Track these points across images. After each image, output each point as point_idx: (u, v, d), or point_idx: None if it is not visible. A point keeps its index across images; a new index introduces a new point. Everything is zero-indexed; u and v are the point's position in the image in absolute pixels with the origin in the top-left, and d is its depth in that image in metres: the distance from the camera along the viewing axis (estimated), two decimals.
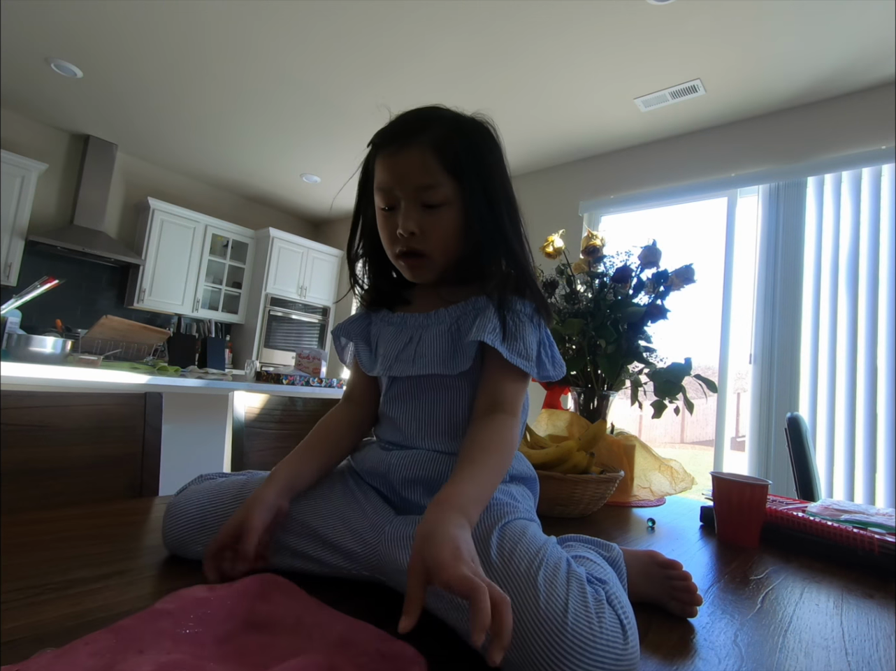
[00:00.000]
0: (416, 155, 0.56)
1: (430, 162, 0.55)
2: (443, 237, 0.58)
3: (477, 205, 0.57)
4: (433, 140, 0.56)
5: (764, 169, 2.84)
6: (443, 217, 0.57)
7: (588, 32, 2.36)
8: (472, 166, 0.57)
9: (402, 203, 0.57)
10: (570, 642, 0.34)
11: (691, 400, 1.10)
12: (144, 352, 2.63)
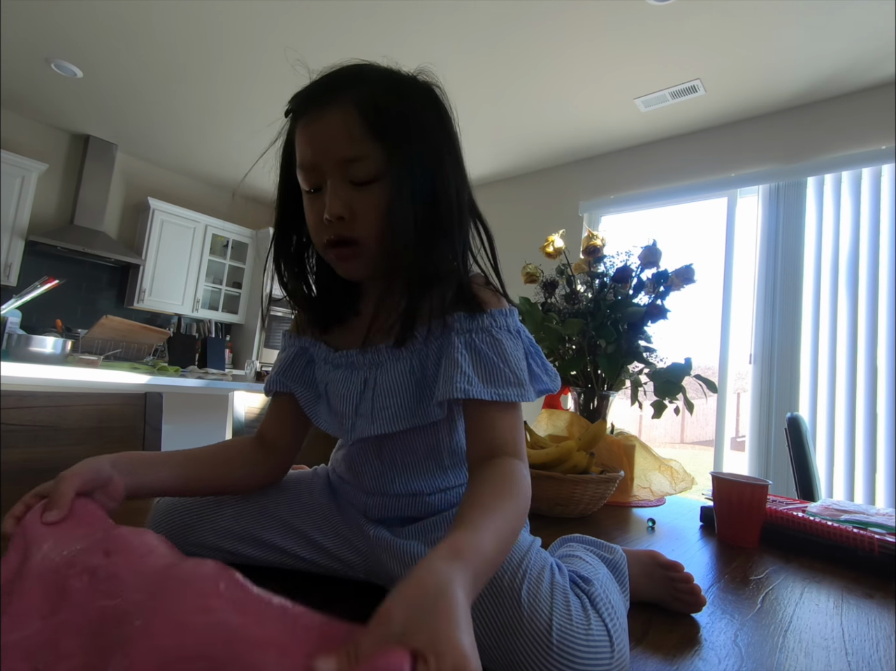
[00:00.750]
0: (337, 120, 0.45)
1: (354, 127, 0.45)
2: (376, 219, 0.46)
3: (410, 177, 0.46)
4: (358, 100, 0.45)
5: (764, 169, 2.84)
6: (374, 194, 0.46)
7: (588, 32, 2.36)
8: (405, 130, 0.46)
9: (327, 182, 0.47)
10: (556, 658, 0.34)
11: (691, 400, 1.10)
12: (144, 352, 2.63)
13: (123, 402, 0.84)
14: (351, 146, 0.45)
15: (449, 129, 0.51)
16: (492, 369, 0.46)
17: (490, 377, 0.45)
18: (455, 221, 0.49)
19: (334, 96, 0.46)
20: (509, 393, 0.45)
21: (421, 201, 0.47)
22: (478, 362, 0.46)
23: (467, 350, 0.46)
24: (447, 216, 0.48)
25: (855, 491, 2.39)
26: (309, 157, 0.47)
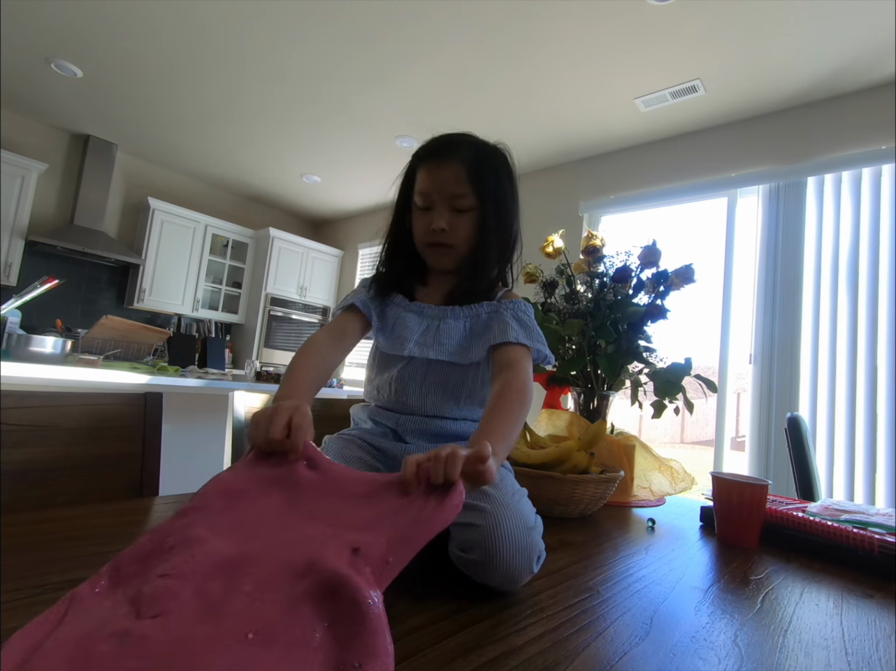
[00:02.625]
0: (452, 169, 0.72)
1: (461, 176, 0.71)
2: (465, 235, 0.74)
3: (489, 213, 0.74)
4: (465, 159, 0.72)
5: (764, 169, 2.84)
6: (466, 219, 0.73)
7: (588, 32, 2.36)
8: (491, 185, 0.74)
9: (436, 205, 0.73)
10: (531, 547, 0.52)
11: (691, 400, 1.10)
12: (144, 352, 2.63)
13: (123, 402, 0.84)
14: (457, 187, 0.72)
15: (515, 182, 0.80)
16: (529, 330, 0.73)
17: (529, 335, 0.72)
18: (511, 243, 0.79)
19: (452, 154, 0.73)
20: (539, 346, 0.73)
21: (493, 228, 0.75)
22: (520, 325, 0.73)
23: (514, 319, 0.73)
24: (508, 239, 0.78)
25: (855, 491, 2.39)
26: (428, 187, 0.73)
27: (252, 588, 0.34)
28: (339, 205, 5.18)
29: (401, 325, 0.75)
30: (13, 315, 2.08)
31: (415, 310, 0.77)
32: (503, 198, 0.76)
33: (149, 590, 0.33)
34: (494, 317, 0.74)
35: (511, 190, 0.78)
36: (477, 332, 0.73)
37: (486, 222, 0.73)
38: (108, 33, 2.71)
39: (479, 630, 0.42)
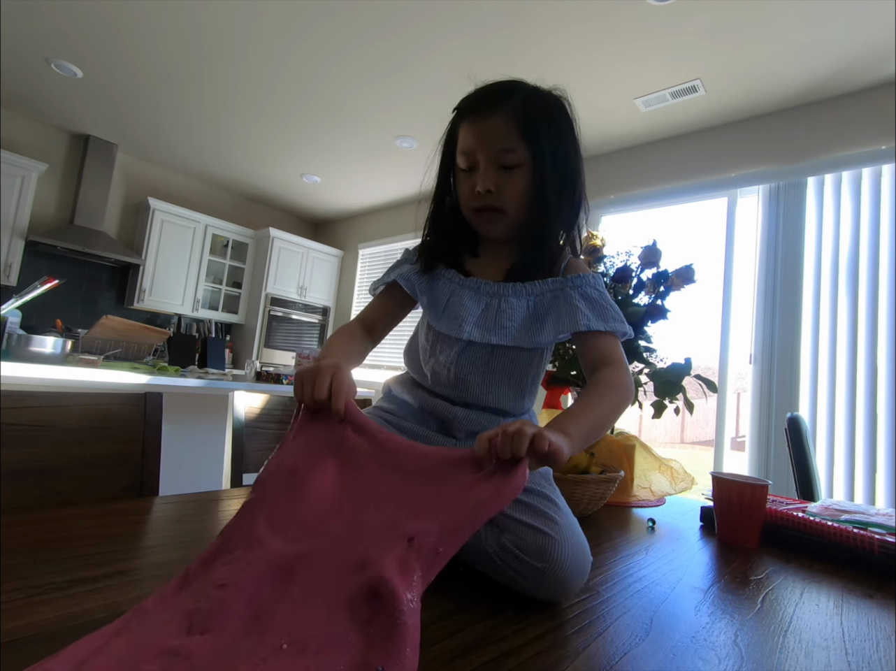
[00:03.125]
0: (499, 121, 0.62)
1: (510, 128, 0.62)
2: (516, 195, 0.64)
3: (545, 169, 0.63)
4: (514, 109, 0.62)
5: (764, 169, 2.84)
6: (517, 177, 0.63)
7: (588, 32, 2.36)
8: (545, 135, 0.63)
9: (481, 164, 0.63)
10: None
11: (691, 400, 1.10)
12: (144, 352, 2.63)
13: (123, 402, 0.84)
14: (506, 140, 0.62)
15: (574, 133, 0.68)
16: (602, 310, 0.65)
17: (602, 315, 0.64)
18: (574, 204, 0.67)
19: (496, 104, 0.63)
20: (616, 326, 0.64)
21: (551, 186, 0.63)
22: (592, 306, 0.64)
23: (582, 298, 0.65)
24: (569, 200, 0.67)
25: (855, 491, 2.39)
26: (471, 144, 0.63)
27: (301, 593, 0.36)
28: (339, 205, 5.18)
29: (456, 303, 0.67)
30: (13, 315, 2.08)
31: (471, 286, 0.68)
32: (562, 150, 0.64)
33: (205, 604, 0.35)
34: (560, 296, 0.65)
35: (572, 141, 0.67)
36: (542, 313, 0.65)
37: (543, 180, 0.63)
38: (108, 33, 2.71)
39: (479, 630, 0.42)
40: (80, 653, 0.31)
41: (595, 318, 0.63)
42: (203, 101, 3.35)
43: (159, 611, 0.36)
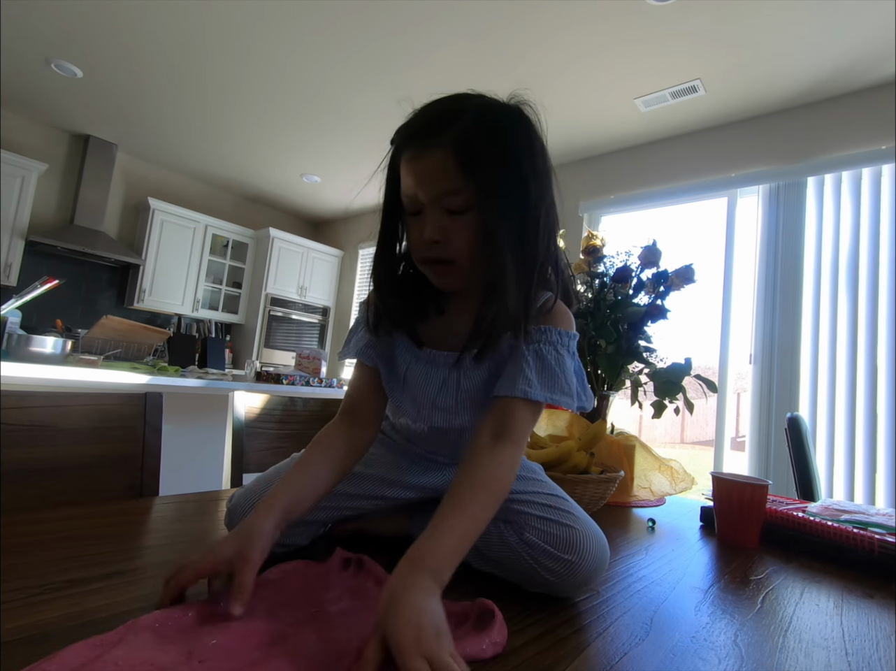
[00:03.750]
0: (437, 158, 0.51)
1: (450, 166, 0.51)
2: (467, 243, 0.53)
3: (497, 210, 0.52)
4: (455, 141, 0.51)
5: (764, 169, 2.84)
6: (466, 222, 0.52)
7: (588, 32, 2.36)
8: (495, 168, 0.51)
9: (425, 208, 0.53)
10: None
11: (691, 400, 1.10)
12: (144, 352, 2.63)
13: (123, 402, 0.84)
14: (447, 181, 0.51)
15: (536, 151, 0.55)
16: (552, 377, 0.54)
17: (550, 383, 0.54)
18: (536, 248, 0.54)
19: (434, 138, 0.51)
20: (561, 400, 0.54)
21: (506, 228, 0.52)
22: (541, 370, 0.55)
23: (533, 357, 0.55)
24: (530, 244, 0.54)
25: (855, 491, 2.39)
26: (412, 187, 0.53)
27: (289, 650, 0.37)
28: (339, 205, 5.18)
29: (412, 382, 0.61)
30: (13, 315, 2.07)
31: (425, 359, 0.60)
32: (518, 180, 0.53)
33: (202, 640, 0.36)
34: (515, 351, 0.56)
35: (533, 163, 0.54)
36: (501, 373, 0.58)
37: (496, 222, 0.52)
38: (108, 33, 2.71)
39: None
40: (77, 659, 0.31)
41: (540, 384, 0.53)
42: (203, 101, 3.35)
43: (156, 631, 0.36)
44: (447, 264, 0.55)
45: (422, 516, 0.66)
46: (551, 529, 0.52)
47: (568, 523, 0.53)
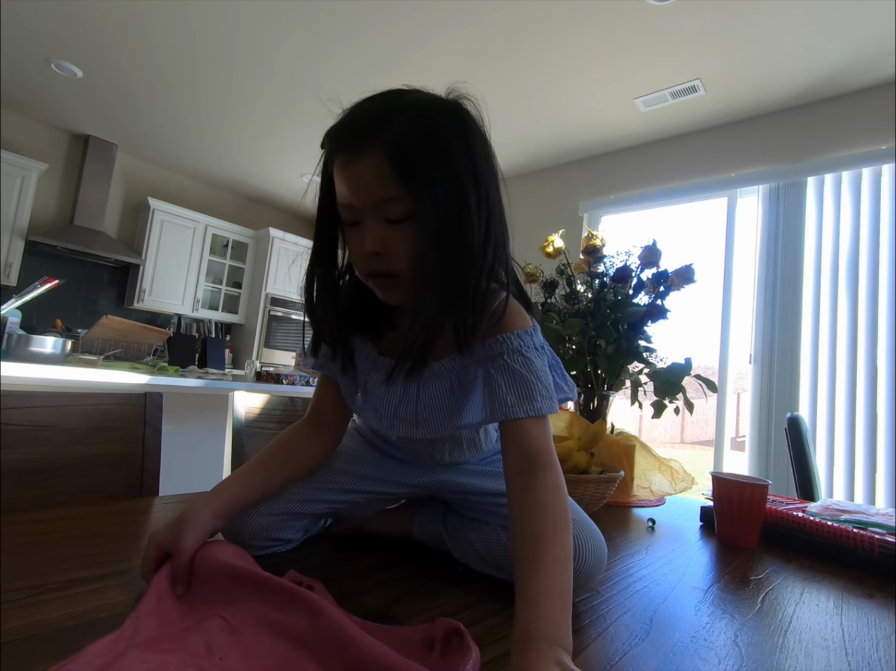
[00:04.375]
0: (371, 163, 0.46)
1: (386, 171, 0.46)
2: (408, 254, 0.49)
3: (439, 216, 0.47)
4: (388, 144, 0.46)
5: (764, 169, 2.84)
6: (406, 231, 0.48)
7: (588, 32, 2.36)
8: (435, 171, 0.47)
9: (364, 218, 0.49)
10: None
11: (691, 400, 1.10)
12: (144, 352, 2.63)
13: (123, 402, 0.84)
14: (383, 189, 0.47)
15: (479, 150, 0.51)
16: (527, 387, 0.50)
17: (526, 395, 0.50)
18: (483, 256, 0.50)
19: (365, 142, 0.47)
20: (543, 406, 0.50)
21: (450, 234, 0.48)
22: (511, 382, 0.50)
23: (501, 374, 0.51)
24: (472, 250, 0.49)
25: (855, 491, 2.39)
26: (346, 196, 0.49)
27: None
28: None
29: (372, 392, 0.58)
30: (13, 315, 2.07)
31: (382, 367, 0.57)
32: (459, 184, 0.48)
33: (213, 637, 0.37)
34: (482, 369, 0.53)
35: (471, 166, 0.49)
36: (468, 389, 0.55)
37: (431, 231, 0.47)
38: (108, 33, 2.71)
39: (479, 630, 0.42)
40: (100, 657, 0.31)
41: (517, 399, 0.49)
42: (203, 101, 3.35)
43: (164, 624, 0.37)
44: (390, 278, 0.50)
45: (422, 516, 0.66)
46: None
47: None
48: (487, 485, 0.61)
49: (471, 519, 0.61)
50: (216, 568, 0.44)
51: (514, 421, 0.49)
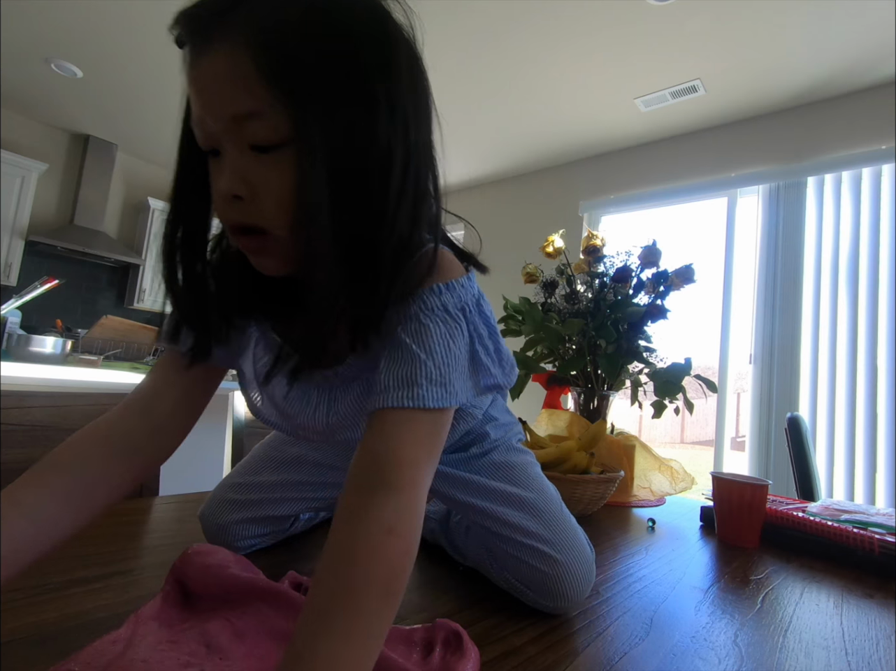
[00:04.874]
0: (223, 58, 0.31)
1: (245, 70, 0.31)
2: (283, 199, 0.33)
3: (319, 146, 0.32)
4: (250, 28, 0.31)
5: (764, 169, 2.84)
6: (280, 165, 0.33)
7: (588, 32, 2.36)
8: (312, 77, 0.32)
9: (221, 143, 0.35)
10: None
11: (691, 400, 1.10)
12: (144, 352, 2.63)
13: None
14: (243, 97, 0.31)
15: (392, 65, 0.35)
16: (409, 367, 0.35)
17: (405, 377, 0.34)
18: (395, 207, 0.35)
19: (218, 26, 0.31)
20: (428, 395, 0.34)
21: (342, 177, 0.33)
22: (393, 360, 0.35)
23: (389, 350, 0.36)
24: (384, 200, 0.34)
25: (855, 491, 2.39)
26: (197, 109, 0.35)
27: None
28: None
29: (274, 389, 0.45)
30: (13, 315, 2.08)
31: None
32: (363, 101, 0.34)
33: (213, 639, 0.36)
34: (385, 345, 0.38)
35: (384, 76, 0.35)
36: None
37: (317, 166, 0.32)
38: (108, 33, 2.71)
39: (479, 630, 0.42)
40: (100, 658, 0.32)
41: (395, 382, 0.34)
42: None
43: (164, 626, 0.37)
44: (258, 235, 0.35)
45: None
46: (526, 572, 0.47)
47: (542, 567, 0.46)
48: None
49: (458, 521, 0.60)
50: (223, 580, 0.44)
51: (381, 412, 0.34)
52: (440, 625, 0.38)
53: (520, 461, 0.54)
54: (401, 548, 0.30)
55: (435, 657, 0.36)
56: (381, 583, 0.28)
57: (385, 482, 0.31)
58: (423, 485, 0.33)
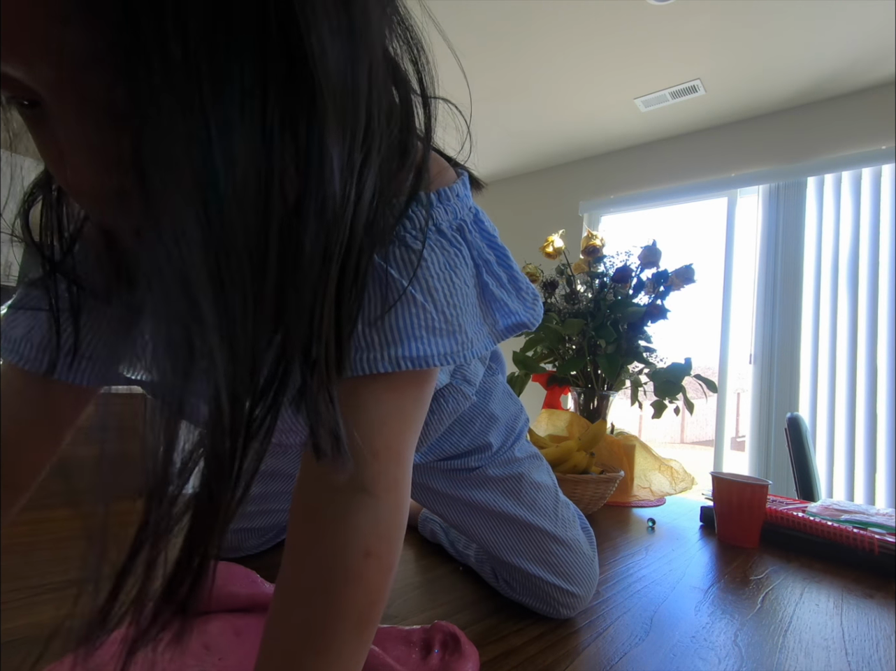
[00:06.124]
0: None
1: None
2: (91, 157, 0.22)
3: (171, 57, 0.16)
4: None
5: (764, 169, 2.84)
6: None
7: (588, 32, 2.36)
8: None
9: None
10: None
11: (691, 400, 1.10)
12: None
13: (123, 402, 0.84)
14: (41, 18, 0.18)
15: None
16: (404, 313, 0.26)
17: (397, 328, 0.25)
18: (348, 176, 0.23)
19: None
20: (431, 351, 0.25)
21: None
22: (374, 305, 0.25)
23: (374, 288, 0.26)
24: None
25: (855, 491, 2.39)
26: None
27: None
28: None
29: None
30: None
31: None
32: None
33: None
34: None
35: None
36: None
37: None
38: None
39: (479, 630, 0.42)
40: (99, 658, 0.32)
41: (378, 337, 0.26)
42: None
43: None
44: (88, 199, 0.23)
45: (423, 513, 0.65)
46: (533, 592, 0.47)
47: (553, 594, 0.46)
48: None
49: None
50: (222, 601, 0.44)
51: (354, 380, 0.25)
52: (438, 626, 0.38)
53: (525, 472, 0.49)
54: (380, 570, 0.25)
55: (434, 657, 0.36)
56: (355, 615, 0.24)
57: (359, 486, 0.24)
58: (406, 483, 0.26)
